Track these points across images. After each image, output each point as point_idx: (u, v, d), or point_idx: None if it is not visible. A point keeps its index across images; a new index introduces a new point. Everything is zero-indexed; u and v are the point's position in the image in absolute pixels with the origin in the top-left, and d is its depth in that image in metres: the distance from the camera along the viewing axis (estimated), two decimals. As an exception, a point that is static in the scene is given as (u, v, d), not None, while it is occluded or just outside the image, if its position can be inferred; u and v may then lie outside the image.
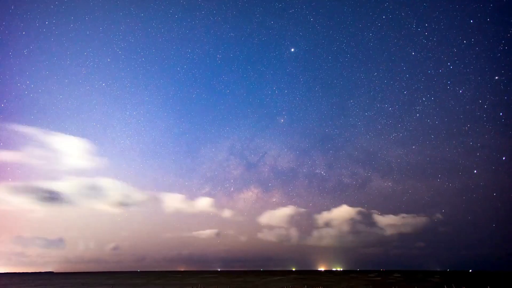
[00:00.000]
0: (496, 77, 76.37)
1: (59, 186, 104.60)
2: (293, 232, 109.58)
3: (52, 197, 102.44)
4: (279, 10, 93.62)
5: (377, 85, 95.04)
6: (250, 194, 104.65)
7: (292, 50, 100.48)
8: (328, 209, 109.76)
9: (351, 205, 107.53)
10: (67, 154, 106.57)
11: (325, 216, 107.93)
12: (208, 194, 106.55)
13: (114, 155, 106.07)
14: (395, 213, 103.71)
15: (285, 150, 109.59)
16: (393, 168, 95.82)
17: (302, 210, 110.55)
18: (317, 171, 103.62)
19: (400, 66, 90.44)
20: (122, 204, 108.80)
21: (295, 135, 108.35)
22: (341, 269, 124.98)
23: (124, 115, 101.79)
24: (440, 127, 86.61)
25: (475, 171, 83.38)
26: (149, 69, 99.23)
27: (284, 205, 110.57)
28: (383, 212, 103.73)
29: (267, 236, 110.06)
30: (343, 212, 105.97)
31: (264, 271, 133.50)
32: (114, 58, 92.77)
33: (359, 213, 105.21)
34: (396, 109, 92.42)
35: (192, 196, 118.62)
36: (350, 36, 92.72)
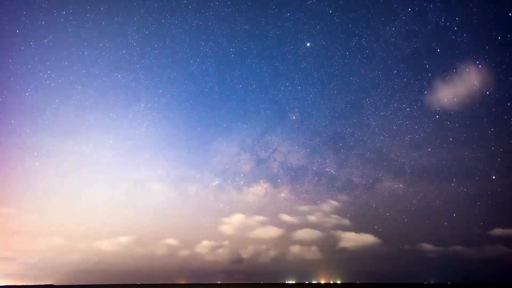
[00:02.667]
0: (530, 78, 74.18)
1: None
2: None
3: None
4: (296, 1, 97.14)
5: (395, 84, 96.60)
6: (259, 189, 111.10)
7: (308, 44, 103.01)
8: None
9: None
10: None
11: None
12: (218, 187, 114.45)
13: (128, 146, 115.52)
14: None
15: (296, 147, 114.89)
16: (406, 170, 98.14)
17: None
18: (327, 169, 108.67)
19: (422, 64, 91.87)
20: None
21: (307, 132, 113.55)
22: (339, 282, 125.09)
23: (139, 107, 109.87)
24: (460, 130, 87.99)
25: (493, 177, 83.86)
26: (163, 62, 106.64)
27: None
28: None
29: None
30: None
31: (262, 284, 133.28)
32: (128, 50, 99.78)
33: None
34: (414, 110, 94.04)
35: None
36: (370, 30, 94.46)
